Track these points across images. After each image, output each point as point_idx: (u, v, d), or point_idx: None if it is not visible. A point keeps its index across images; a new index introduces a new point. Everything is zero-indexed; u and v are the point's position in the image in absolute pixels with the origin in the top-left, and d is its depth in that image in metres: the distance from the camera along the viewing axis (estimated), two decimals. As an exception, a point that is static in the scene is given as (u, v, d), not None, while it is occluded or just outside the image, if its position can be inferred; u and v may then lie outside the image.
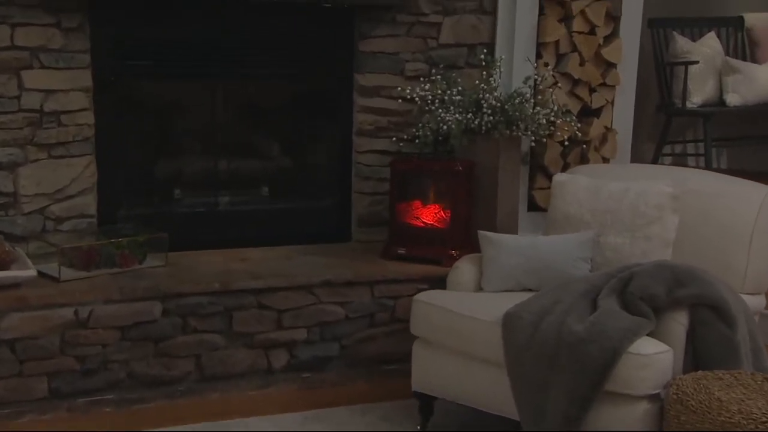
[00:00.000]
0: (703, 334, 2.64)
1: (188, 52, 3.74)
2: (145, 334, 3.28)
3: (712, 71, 5.30)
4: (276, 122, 4.14)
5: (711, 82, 5.28)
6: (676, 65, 5.20)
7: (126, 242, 3.51)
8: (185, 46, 3.72)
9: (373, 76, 3.97)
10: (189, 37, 3.72)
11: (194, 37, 3.73)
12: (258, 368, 3.46)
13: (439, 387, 3.03)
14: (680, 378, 2.56)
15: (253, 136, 4.16)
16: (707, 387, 2.46)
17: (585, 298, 2.76)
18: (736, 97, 5.25)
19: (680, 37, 5.32)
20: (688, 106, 5.20)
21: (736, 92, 5.27)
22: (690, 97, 5.19)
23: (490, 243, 3.16)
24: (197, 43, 3.74)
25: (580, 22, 4.13)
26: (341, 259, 3.75)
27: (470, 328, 2.89)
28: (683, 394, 2.45)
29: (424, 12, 3.97)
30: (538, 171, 4.22)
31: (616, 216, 3.10)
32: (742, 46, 5.64)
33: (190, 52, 3.74)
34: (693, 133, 5.87)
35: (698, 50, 5.28)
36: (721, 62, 5.29)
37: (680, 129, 5.75)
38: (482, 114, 3.74)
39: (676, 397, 2.46)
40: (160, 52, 3.69)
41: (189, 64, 3.75)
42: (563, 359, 2.62)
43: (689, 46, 5.30)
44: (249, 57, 3.84)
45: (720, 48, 5.43)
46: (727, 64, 5.31)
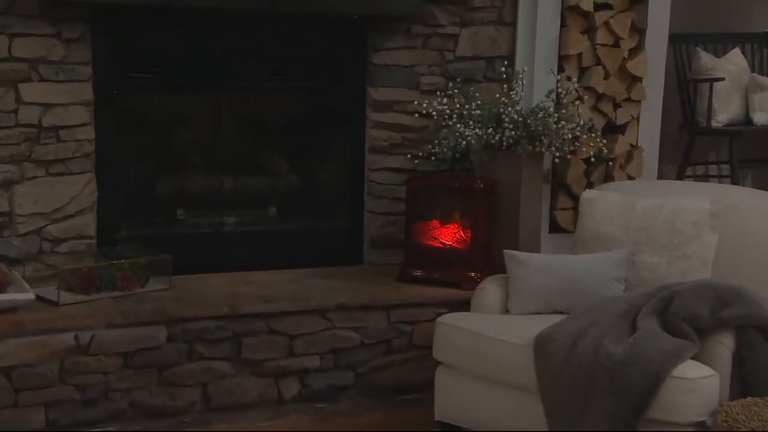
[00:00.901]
0: (750, 357, 2.58)
1: (193, 65, 3.70)
2: (149, 361, 3.21)
3: (737, 89, 5.26)
4: (284, 138, 4.10)
5: (737, 100, 5.24)
6: (701, 82, 5.16)
7: (128, 264, 3.45)
8: (190, 59, 3.69)
9: (387, 90, 3.93)
10: (194, 49, 3.69)
11: (200, 49, 3.70)
12: (268, 398, 3.39)
13: (464, 416, 2.96)
14: (728, 404, 2.49)
15: (260, 152, 4.12)
16: (759, 414, 2.39)
17: (623, 319, 2.70)
18: (764, 115, 5.22)
19: (704, 53, 5.29)
20: (713, 125, 5.15)
21: (763, 110, 5.23)
22: (715, 116, 5.14)
23: (518, 262, 3.10)
24: (203, 56, 3.70)
25: (604, 34, 4.10)
26: (354, 282, 3.69)
27: (499, 351, 2.82)
28: (734, 421, 2.38)
29: (440, 23, 3.94)
30: (560, 190, 4.16)
31: (651, 234, 3.04)
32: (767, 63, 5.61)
33: (196, 65, 3.71)
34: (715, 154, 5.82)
35: (723, 67, 5.25)
36: (747, 79, 5.25)
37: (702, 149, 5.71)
38: (503, 129, 3.69)
39: (726, 424, 2.39)
40: (164, 65, 3.66)
41: (194, 77, 3.72)
42: (601, 384, 2.56)
43: (713, 63, 5.27)
44: (256, 70, 3.80)
45: (745, 64, 5.40)
46: (754, 81, 5.27)
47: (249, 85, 3.82)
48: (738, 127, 5.16)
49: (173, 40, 3.64)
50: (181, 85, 3.72)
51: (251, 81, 3.81)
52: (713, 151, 5.78)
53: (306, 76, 3.87)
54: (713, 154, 5.80)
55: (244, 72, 3.78)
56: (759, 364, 2.57)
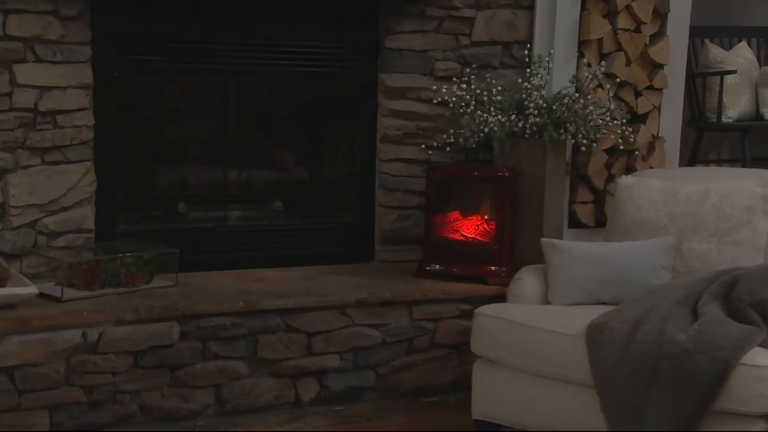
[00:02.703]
0: (818, 345, 2.55)
1: (198, 48, 3.62)
2: (161, 361, 3.11)
3: (747, 83, 5.27)
4: (291, 127, 4.03)
5: (747, 95, 5.25)
6: (711, 75, 5.16)
7: (131, 259, 3.35)
8: (195, 42, 3.61)
9: (400, 77, 3.88)
10: (200, 32, 3.61)
11: (205, 31, 3.62)
12: (285, 400, 3.31)
13: (506, 413, 2.90)
14: (804, 394, 2.45)
15: (265, 142, 4.03)
16: (835, 401, 2.35)
17: (683, 305, 2.66)
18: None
19: (713, 46, 5.30)
20: (724, 120, 5.16)
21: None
22: (725, 111, 5.15)
23: (558, 251, 3.06)
24: (208, 38, 3.63)
25: (625, 18, 4.09)
26: (371, 279, 3.63)
27: (547, 342, 2.77)
28: (809, 409, 2.34)
29: (455, 5, 3.90)
30: (579, 183, 4.13)
31: (699, 220, 3.02)
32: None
33: (200, 48, 3.63)
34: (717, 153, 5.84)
35: (732, 60, 5.26)
36: (756, 73, 5.27)
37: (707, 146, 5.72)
38: (527, 116, 3.65)
39: (801, 413, 2.36)
40: (168, 47, 3.58)
41: (198, 62, 3.63)
42: (665, 373, 2.52)
43: (723, 56, 5.28)
44: (263, 54, 3.73)
45: (754, 58, 5.43)
46: (766, 74, 5.29)
47: (257, 70, 3.74)
48: (749, 123, 5.17)
49: (178, 22, 3.55)
50: (184, 69, 3.64)
51: (260, 66, 3.73)
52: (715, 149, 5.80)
53: (316, 61, 3.80)
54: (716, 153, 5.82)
55: (252, 56, 3.70)
56: (828, 351, 2.54)
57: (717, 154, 5.81)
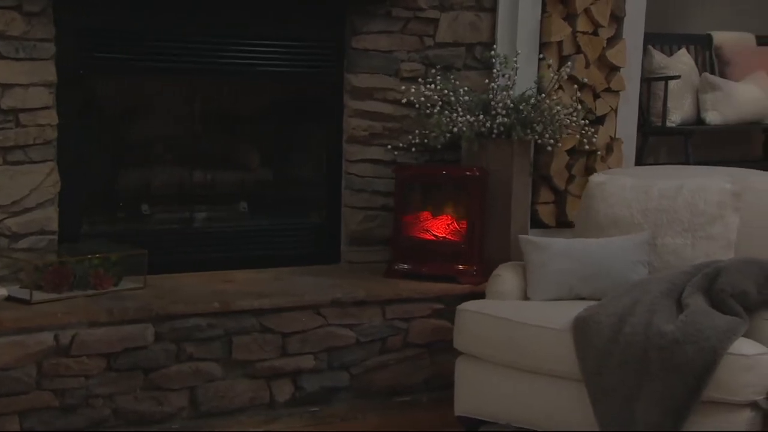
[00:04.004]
0: (799, 334, 2.60)
1: (164, 46, 3.55)
2: (135, 363, 3.03)
3: (689, 88, 5.39)
4: (257, 127, 3.97)
5: (689, 100, 5.37)
6: (656, 80, 5.26)
7: (98, 261, 3.25)
8: (161, 39, 3.54)
9: (366, 77, 3.86)
10: (166, 30, 3.54)
11: (171, 29, 3.55)
12: (260, 402, 3.26)
13: (490, 409, 2.89)
14: (785, 381, 2.50)
15: (230, 143, 3.97)
16: (819, 388, 2.40)
17: (667, 297, 2.69)
18: (716, 115, 5.35)
19: (657, 52, 5.41)
20: (668, 125, 5.26)
21: (716, 110, 5.36)
22: (669, 115, 5.25)
23: (537, 248, 3.07)
24: (174, 36, 3.56)
25: (584, 22, 4.14)
26: (343, 279, 3.60)
27: (533, 337, 2.78)
28: (797, 396, 2.39)
29: (420, 6, 3.89)
30: (541, 183, 4.16)
31: (672, 216, 3.07)
32: (710, 63, 5.78)
33: (167, 46, 3.56)
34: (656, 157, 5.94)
35: (674, 66, 5.37)
36: (696, 79, 5.39)
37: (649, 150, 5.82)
38: (494, 116, 3.67)
39: (788, 400, 2.40)
40: (134, 45, 3.50)
41: (165, 59, 3.56)
42: (654, 364, 2.54)
43: (666, 62, 5.39)
44: (230, 53, 3.67)
45: (693, 64, 5.55)
46: (706, 80, 5.41)
47: (220, 69, 3.68)
48: (692, 127, 5.29)
49: (144, 19, 3.48)
50: (150, 67, 3.56)
51: (222, 65, 3.67)
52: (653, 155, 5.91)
53: (281, 60, 3.75)
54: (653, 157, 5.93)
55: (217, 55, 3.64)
56: (807, 340, 2.60)
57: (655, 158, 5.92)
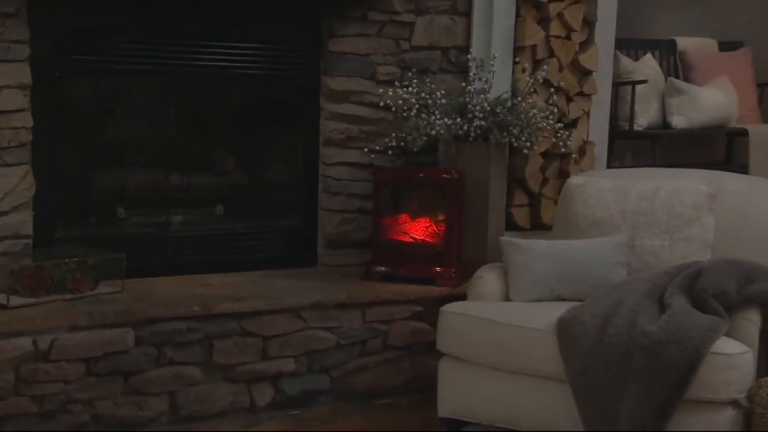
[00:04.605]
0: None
1: (140, 49, 3.51)
2: (115, 368, 2.99)
3: (655, 93, 5.45)
4: (234, 130, 3.94)
5: (655, 104, 5.43)
6: (623, 85, 5.31)
7: (76, 265, 3.21)
8: (137, 42, 3.50)
9: (343, 80, 3.84)
10: (142, 32, 3.49)
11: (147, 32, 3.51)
12: (240, 406, 3.23)
13: (474, 410, 2.89)
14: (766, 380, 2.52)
15: (208, 145, 3.93)
16: (803, 386, 2.44)
17: (649, 298, 2.71)
18: (682, 119, 5.40)
19: (623, 57, 5.45)
20: (635, 129, 5.30)
21: (681, 114, 5.42)
22: (636, 119, 5.30)
23: (519, 250, 3.07)
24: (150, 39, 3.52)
25: (557, 26, 4.17)
26: (322, 282, 3.58)
27: (517, 338, 2.78)
28: (781, 394, 2.41)
29: (396, 10, 3.89)
30: (515, 186, 4.17)
31: (650, 217, 3.09)
32: (674, 68, 5.85)
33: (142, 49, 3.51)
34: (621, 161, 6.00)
35: (641, 71, 5.42)
36: (662, 84, 5.45)
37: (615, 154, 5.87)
38: (471, 119, 3.68)
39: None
40: (109, 47, 3.45)
41: (141, 62, 3.51)
42: (638, 364, 2.55)
43: (633, 66, 5.44)
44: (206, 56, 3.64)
45: (659, 69, 5.61)
46: (672, 85, 5.47)
47: (197, 71, 3.64)
48: (658, 131, 5.34)
49: (120, 21, 3.43)
50: (126, 70, 3.51)
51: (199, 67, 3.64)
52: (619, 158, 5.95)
53: (258, 63, 3.73)
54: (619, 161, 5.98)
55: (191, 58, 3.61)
56: (787, 339, 2.63)
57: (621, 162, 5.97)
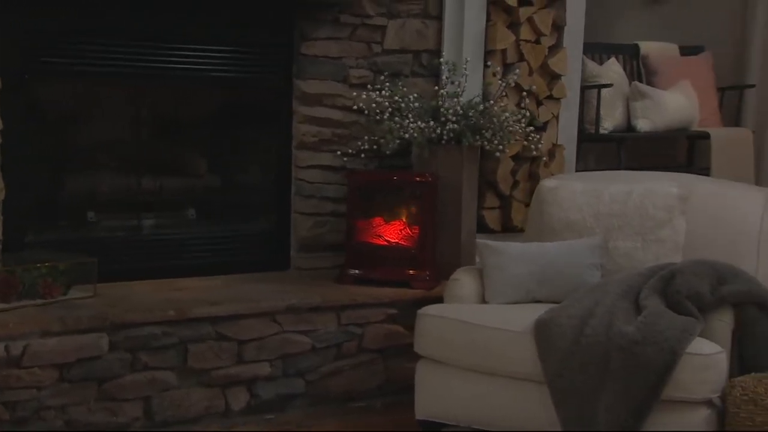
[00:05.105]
0: (751, 334, 2.66)
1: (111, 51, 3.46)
2: (88, 374, 2.95)
3: (620, 96, 5.49)
4: (206, 133, 3.90)
5: (620, 108, 5.47)
6: (589, 88, 5.34)
7: (47, 269, 3.15)
8: (108, 44, 3.45)
9: (316, 83, 3.83)
10: (113, 34, 3.44)
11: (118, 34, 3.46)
12: (215, 411, 3.20)
13: (451, 412, 2.89)
14: (739, 380, 2.55)
15: (180, 148, 3.89)
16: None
17: (625, 299, 2.73)
18: (647, 122, 5.45)
19: (589, 61, 5.49)
20: (601, 132, 5.34)
21: (646, 118, 5.47)
22: (602, 123, 5.34)
23: (494, 252, 3.08)
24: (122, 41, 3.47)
25: (527, 30, 4.18)
26: (295, 285, 3.56)
27: (494, 340, 2.78)
28: (755, 393, 2.44)
29: (368, 13, 3.88)
30: (486, 189, 4.18)
31: (623, 220, 3.11)
32: (638, 72, 5.91)
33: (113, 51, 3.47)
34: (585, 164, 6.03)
35: (606, 74, 5.47)
36: (627, 87, 5.50)
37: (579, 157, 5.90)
38: (444, 122, 3.68)
39: (747, 397, 2.45)
40: (80, 49, 3.40)
41: (111, 64, 3.47)
42: (615, 365, 2.57)
43: (598, 70, 5.48)
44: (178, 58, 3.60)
45: (623, 73, 5.66)
46: (636, 89, 5.52)
47: (168, 74, 3.60)
48: (624, 134, 5.38)
49: (91, 23, 3.38)
50: (97, 72, 3.46)
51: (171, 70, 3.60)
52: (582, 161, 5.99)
53: (230, 65, 3.70)
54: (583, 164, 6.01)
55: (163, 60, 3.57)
56: (760, 340, 2.66)
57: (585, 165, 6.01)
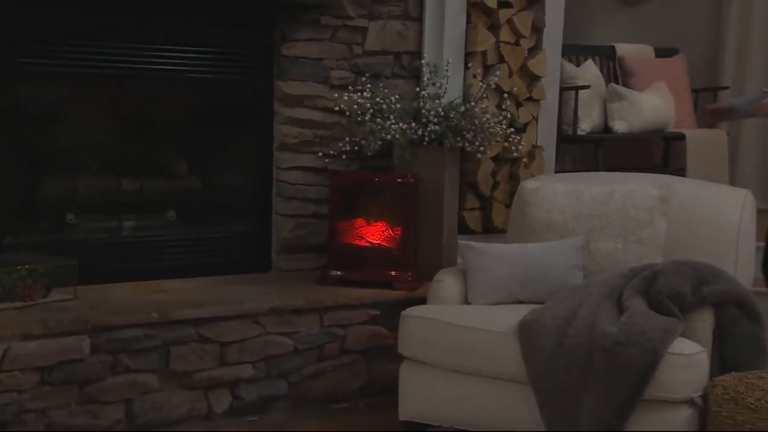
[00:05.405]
0: (731, 334, 2.68)
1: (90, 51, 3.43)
2: (70, 377, 2.92)
3: (597, 98, 5.52)
4: (187, 134, 3.87)
5: (597, 109, 5.50)
6: (567, 90, 5.36)
7: (27, 272, 3.12)
8: (87, 44, 3.41)
9: (297, 84, 3.81)
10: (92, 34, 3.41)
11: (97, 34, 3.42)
12: (197, 413, 3.18)
13: (435, 413, 2.88)
14: (720, 379, 2.57)
15: (160, 150, 3.86)
16: (756, 385, 2.48)
17: (608, 300, 2.73)
18: (624, 123, 5.48)
19: (566, 63, 5.51)
20: (579, 133, 5.36)
21: (623, 119, 5.50)
22: (579, 124, 5.36)
23: (477, 253, 3.08)
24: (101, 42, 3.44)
25: (507, 32, 4.19)
26: (277, 287, 3.54)
27: (478, 341, 2.78)
28: (736, 393, 2.46)
29: (349, 15, 3.87)
30: (467, 190, 4.18)
31: (605, 221, 3.12)
32: (614, 74, 5.94)
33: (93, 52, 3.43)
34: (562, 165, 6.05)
35: (583, 76, 5.49)
36: (604, 89, 5.53)
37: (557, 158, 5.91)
38: (425, 124, 3.67)
39: (728, 396, 2.47)
40: (59, 50, 3.36)
41: (91, 65, 3.43)
42: (598, 365, 2.57)
43: (575, 72, 5.51)
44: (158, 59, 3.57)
45: (600, 75, 5.69)
46: (613, 90, 5.55)
47: (148, 75, 3.57)
48: (601, 135, 5.41)
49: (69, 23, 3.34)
50: (77, 73, 3.43)
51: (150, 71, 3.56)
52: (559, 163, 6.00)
53: (210, 67, 3.67)
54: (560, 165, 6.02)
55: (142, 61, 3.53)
56: (740, 339, 2.68)
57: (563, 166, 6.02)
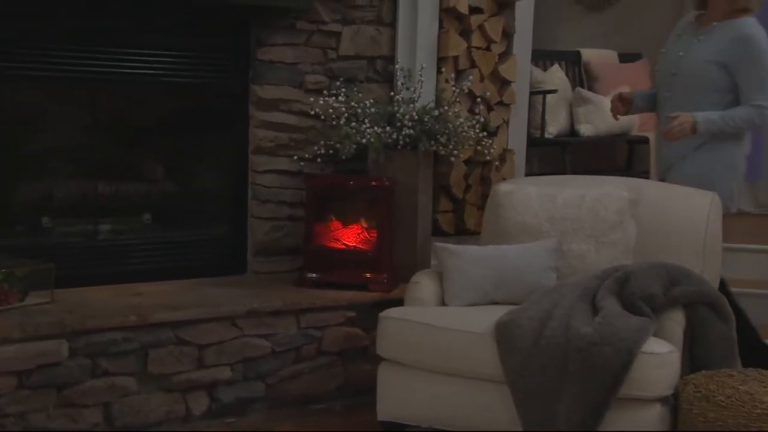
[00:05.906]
0: (702, 333, 2.73)
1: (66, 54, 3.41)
2: (48, 380, 2.90)
3: (563, 102, 5.59)
4: (161, 138, 3.85)
5: (564, 113, 5.57)
6: (535, 94, 5.41)
7: (3, 276, 3.10)
8: (63, 47, 3.39)
9: (272, 88, 3.82)
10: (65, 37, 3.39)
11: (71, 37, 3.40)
12: (175, 415, 3.17)
13: (414, 413, 2.90)
14: (691, 377, 2.62)
15: (135, 153, 3.84)
16: (726, 383, 2.53)
17: (582, 301, 2.77)
18: (590, 127, 5.56)
19: (534, 68, 5.57)
20: (546, 136, 5.43)
21: (589, 122, 5.58)
22: (546, 128, 5.42)
23: (453, 255, 3.10)
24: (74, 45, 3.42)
25: (478, 37, 4.22)
26: (254, 289, 3.54)
27: (455, 342, 2.80)
28: (707, 391, 2.50)
29: (323, 20, 3.89)
30: (441, 193, 4.21)
31: (577, 223, 3.16)
32: (580, 79, 6.02)
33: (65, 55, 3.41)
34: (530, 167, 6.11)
35: (550, 80, 5.56)
36: (569, 93, 5.60)
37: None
38: (400, 128, 3.70)
39: (699, 394, 2.51)
40: (34, 53, 3.34)
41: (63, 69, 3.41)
42: (574, 365, 2.61)
43: (542, 76, 5.58)
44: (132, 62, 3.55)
45: (566, 79, 5.76)
46: (579, 94, 5.63)
47: (122, 78, 3.55)
48: (568, 138, 5.48)
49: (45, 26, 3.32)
50: (52, 77, 3.40)
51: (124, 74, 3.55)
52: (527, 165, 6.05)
53: (185, 70, 3.67)
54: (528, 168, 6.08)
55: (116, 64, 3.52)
56: (710, 339, 2.73)
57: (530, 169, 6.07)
